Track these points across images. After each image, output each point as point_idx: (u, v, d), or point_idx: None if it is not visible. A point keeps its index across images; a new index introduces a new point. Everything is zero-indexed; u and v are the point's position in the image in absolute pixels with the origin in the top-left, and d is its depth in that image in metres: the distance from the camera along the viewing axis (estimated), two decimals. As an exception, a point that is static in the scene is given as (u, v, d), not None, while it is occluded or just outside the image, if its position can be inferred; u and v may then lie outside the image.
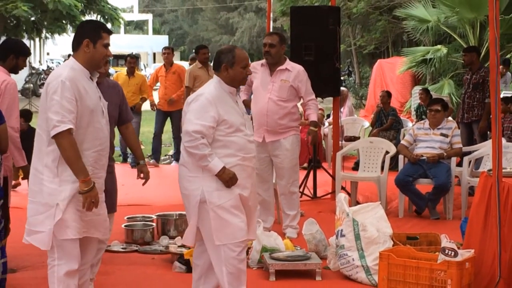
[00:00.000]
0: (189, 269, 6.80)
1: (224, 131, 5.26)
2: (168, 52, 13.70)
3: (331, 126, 11.76)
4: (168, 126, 14.03)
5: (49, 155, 4.82)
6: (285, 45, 8.13)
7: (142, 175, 5.94)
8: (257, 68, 8.03)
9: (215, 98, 5.28)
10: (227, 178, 5.21)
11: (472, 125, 11.11)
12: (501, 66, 15.94)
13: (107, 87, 5.78)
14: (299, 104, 8.31)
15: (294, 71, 7.94)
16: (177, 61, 43.82)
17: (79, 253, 4.92)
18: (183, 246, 7.42)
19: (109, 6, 28.32)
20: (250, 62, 5.60)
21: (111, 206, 5.77)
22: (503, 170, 6.24)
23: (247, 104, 8.28)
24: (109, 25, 27.28)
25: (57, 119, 4.69)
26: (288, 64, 7.96)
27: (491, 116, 6.12)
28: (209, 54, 13.10)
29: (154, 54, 60.34)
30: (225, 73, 5.37)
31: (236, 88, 5.45)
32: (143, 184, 6.01)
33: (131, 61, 12.91)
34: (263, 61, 8.04)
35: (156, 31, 65.76)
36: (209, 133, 5.21)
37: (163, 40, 57.70)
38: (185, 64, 17.55)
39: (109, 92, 5.74)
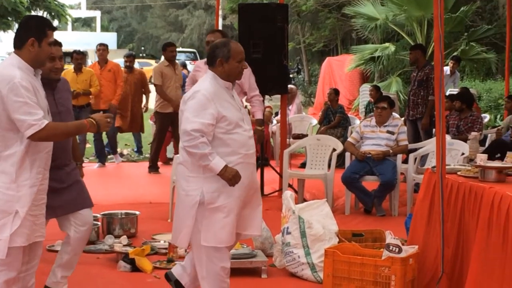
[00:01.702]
0: (134, 268, 6.79)
1: (224, 128, 5.12)
2: (103, 48, 13.41)
3: (279, 124, 11.80)
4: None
5: (7, 160, 4.66)
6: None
7: None
8: (201, 66, 8.02)
9: (212, 94, 5.12)
10: (230, 176, 5.07)
11: (417, 122, 11.26)
12: (452, 62, 16.10)
13: (62, 83, 5.67)
14: (243, 100, 8.29)
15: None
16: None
17: (21, 260, 4.85)
18: (128, 245, 7.41)
19: (56, 3, 27.94)
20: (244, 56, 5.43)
21: (85, 201, 5.62)
22: (447, 167, 6.31)
23: None
24: (56, 22, 26.99)
25: (32, 118, 4.57)
26: (231, 60, 7.93)
27: (434, 113, 6.19)
28: (176, 52, 12.91)
29: (102, 51, 59.67)
30: (220, 68, 5.21)
31: (232, 82, 5.30)
32: None
33: (78, 57, 12.73)
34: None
35: (104, 28, 65.16)
36: (209, 131, 5.06)
37: (111, 37, 57.21)
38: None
39: (65, 88, 5.64)
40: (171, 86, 12.11)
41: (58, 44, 5.35)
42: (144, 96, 14.28)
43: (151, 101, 13.97)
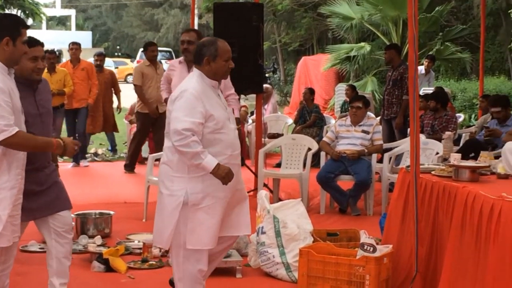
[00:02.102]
0: (108, 269, 6.76)
1: (211, 128, 5.06)
2: (76, 47, 13.22)
3: (255, 123, 11.80)
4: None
5: None
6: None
7: None
8: (175, 65, 7.99)
9: (200, 92, 5.07)
10: (223, 174, 5.01)
11: (392, 121, 11.30)
12: (426, 61, 16.15)
13: (43, 84, 5.57)
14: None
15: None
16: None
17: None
18: (102, 245, 7.37)
19: (30, 1, 27.84)
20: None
21: (64, 203, 5.56)
22: (421, 166, 6.34)
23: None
24: (30, 21, 26.85)
25: (3, 123, 4.53)
26: (206, 59, 7.92)
27: (409, 113, 6.22)
28: (158, 51, 12.79)
29: (77, 50, 59.39)
30: (207, 66, 5.16)
31: (218, 81, 5.26)
32: None
33: (50, 56, 12.58)
34: (181, 58, 7.98)
35: (79, 27, 64.84)
36: (199, 130, 5.00)
37: (86, 36, 56.94)
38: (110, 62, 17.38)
39: (46, 89, 5.51)
40: (152, 86, 12.01)
41: (40, 44, 5.29)
42: (114, 96, 14.22)
43: (127, 100, 13.91)
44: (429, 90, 14.81)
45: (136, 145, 12.51)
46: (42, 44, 5.35)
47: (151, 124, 12.12)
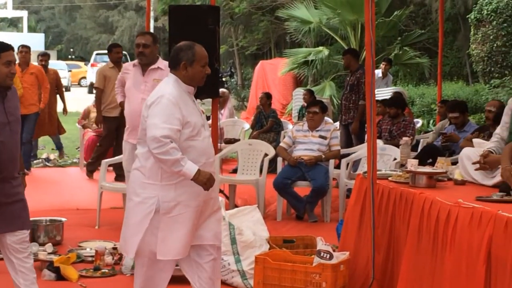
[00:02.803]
0: (59, 277, 6.71)
1: (187, 134, 5.00)
2: (25, 50, 12.92)
3: (211, 128, 11.76)
4: None
5: None
6: (158, 44, 8.09)
7: None
8: (129, 68, 7.96)
9: (177, 98, 4.99)
10: (205, 180, 4.94)
11: (349, 127, 11.36)
12: (383, 64, 16.25)
13: (12, 92, 5.41)
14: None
15: (167, 69, 7.78)
16: (53, 60, 43.10)
17: None
18: (53, 253, 7.31)
19: (-20, 2, 27.57)
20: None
21: (25, 222, 5.35)
22: (378, 172, 6.40)
23: (123, 106, 8.20)
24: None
25: None
26: (161, 63, 7.89)
27: (366, 118, 6.26)
28: (123, 53, 12.61)
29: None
30: (184, 71, 5.09)
31: (194, 87, 5.19)
32: None
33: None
34: (135, 61, 7.95)
35: (31, 29, 64.23)
36: (177, 136, 4.92)
37: (39, 38, 56.42)
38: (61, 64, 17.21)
39: (15, 96, 5.35)
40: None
41: (11, 48, 5.20)
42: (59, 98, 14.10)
43: (80, 104, 13.78)
44: (386, 91, 14.90)
45: (103, 150, 12.27)
46: (13, 49, 5.25)
47: (115, 128, 11.93)
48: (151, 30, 20.36)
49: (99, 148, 12.44)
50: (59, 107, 14.46)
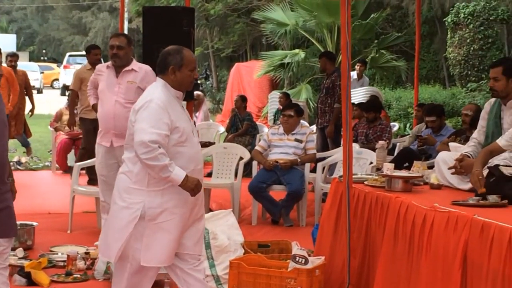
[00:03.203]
0: (29, 282, 6.66)
1: (175, 140, 4.98)
2: None
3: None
4: None
5: None
6: (133, 46, 8.07)
7: None
8: (103, 70, 7.94)
9: (165, 103, 4.97)
10: (192, 186, 4.95)
11: (325, 130, 11.39)
12: (358, 65, 16.27)
13: None
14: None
15: (141, 71, 7.86)
16: (25, 62, 42.76)
17: None
18: (24, 258, 7.26)
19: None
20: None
21: (11, 230, 5.27)
22: (354, 176, 6.42)
23: (96, 109, 8.16)
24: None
25: None
26: (135, 64, 7.87)
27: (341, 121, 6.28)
28: (101, 55, 12.49)
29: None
30: (172, 76, 5.06)
31: (182, 92, 5.17)
32: None
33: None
34: (109, 63, 7.92)
35: (3, 30, 63.86)
36: (165, 142, 4.91)
37: (10, 40, 56.05)
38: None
39: (0, 98, 5.27)
40: None
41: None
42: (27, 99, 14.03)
43: (53, 107, 13.69)
44: (360, 91, 14.89)
45: (86, 154, 12.08)
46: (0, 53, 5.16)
47: (94, 129, 11.77)
48: (125, 32, 20.29)
49: (82, 151, 12.35)
50: (28, 108, 14.38)
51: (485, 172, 5.70)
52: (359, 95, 14.65)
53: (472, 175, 5.54)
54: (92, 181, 11.00)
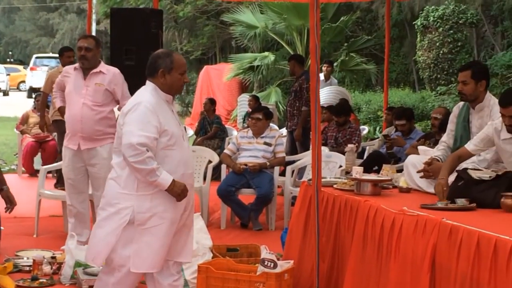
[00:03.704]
0: (-7, 288, 6.61)
1: (164, 143, 4.98)
2: None
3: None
4: None
5: None
6: (101, 48, 8.04)
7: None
8: (70, 72, 7.90)
9: (154, 106, 4.97)
10: (179, 191, 4.97)
11: (294, 133, 11.42)
12: (325, 66, 16.22)
13: None
14: (116, 109, 8.20)
15: (109, 74, 7.83)
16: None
17: None
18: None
19: None
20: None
21: None
22: (323, 180, 6.44)
23: (63, 111, 8.12)
24: None
25: None
26: (103, 66, 7.84)
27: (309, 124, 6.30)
28: (74, 57, 12.38)
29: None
30: (162, 79, 5.06)
31: (173, 96, 5.19)
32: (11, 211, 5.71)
33: None
34: (77, 64, 7.89)
35: (-32, 31, 63.44)
36: (154, 145, 4.91)
37: (-25, 41, 55.72)
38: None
39: None
40: None
41: None
42: None
43: (19, 109, 13.59)
44: (326, 91, 14.89)
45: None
46: None
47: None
48: (93, 34, 20.20)
49: (60, 155, 12.24)
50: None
51: (454, 175, 5.75)
52: (325, 94, 14.67)
53: (437, 185, 5.59)
54: (59, 184, 10.95)
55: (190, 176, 5.18)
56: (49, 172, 9.80)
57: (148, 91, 5.09)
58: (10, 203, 6.00)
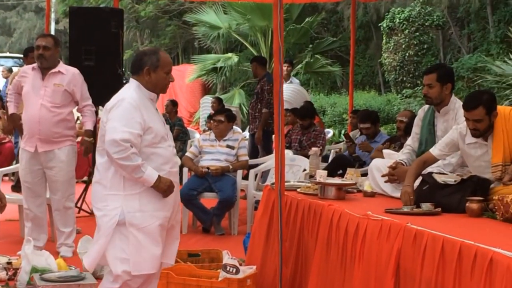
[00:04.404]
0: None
1: (148, 141, 4.98)
2: None
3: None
4: None
5: None
6: (60, 47, 8.00)
7: None
8: (28, 72, 7.83)
9: (138, 102, 4.97)
10: (165, 188, 4.96)
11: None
12: (285, 65, 16.20)
13: None
14: (75, 111, 8.15)
15: (68, 74, 7.79)
16: None
17: None
18: None
19: None
20: None
21: None
22: (287, 183, 6.45)
23: (15, 119, 8.04)
24: None
25: None
26: (62, 66, 7.79)
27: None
28: None
29: None
30: (147, 77, 5.06)
31: (157, 94, 5.16)
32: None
33: None
34: (35, 64, 7.82)
35: None
36: (138, 142, 4.91)
37: None
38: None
39: None
40: None
41: None
42: None
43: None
44: (286, 89, 14.88)
45: None
46: None
47: None
48: (52, 33, 20.08)
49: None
50: None
51: (419, 180, 5.79)
52: (286, 93, 14.65)
53: (404, 193, 5.61)
54: (16, 188, 10.87)
55: (175, 174, 5.18)
56: (5, 175, 9.70)
57: (131, 89, 5.10)
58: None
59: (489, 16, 20.57)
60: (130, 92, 5.06)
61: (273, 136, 7.18)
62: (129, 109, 4.94)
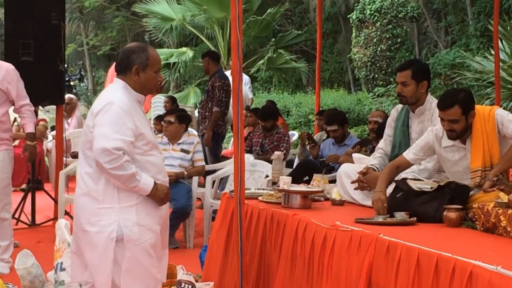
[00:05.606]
0: None
1: (141, 149, 4.91)
2: None
3: (55, 140, 11.61)
4: None
5: None
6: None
7: None
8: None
9: (128, 106, 4.89)
10: (162, 196, 4.95)
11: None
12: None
13: None
14: (11, 111, 8.09)
15: (1, 70, 7.73)
16: None
17: None
18: None
19: None
20: None
21: None
22: (247, 191, 6.44)
23: None
24: None
25: None
26: (-3, 60, 7.76)
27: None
28: None
29: None
30: (135, 77, 4.98)
31: (145, 95, 5.10)
32: None
33: None
34: (-34, 60, 7.77)
35: None
36: (130, 150, 4.83)
37: None
38: None
39: None
40: None
41: None
42: None
43: None
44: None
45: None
46: None
47: None
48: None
49: None
50: None
51: (392, 186, 5.82)
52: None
53: (376, 200, 5.61)
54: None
55: (167, 183, 5.16)
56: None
57: (119, 90, 5.01)
58: None
59: (468, 8, 20.77)
60: (118, 94, 4.97)
61: (225, 138, 7.17)
62: (119, 113, 4.86)
